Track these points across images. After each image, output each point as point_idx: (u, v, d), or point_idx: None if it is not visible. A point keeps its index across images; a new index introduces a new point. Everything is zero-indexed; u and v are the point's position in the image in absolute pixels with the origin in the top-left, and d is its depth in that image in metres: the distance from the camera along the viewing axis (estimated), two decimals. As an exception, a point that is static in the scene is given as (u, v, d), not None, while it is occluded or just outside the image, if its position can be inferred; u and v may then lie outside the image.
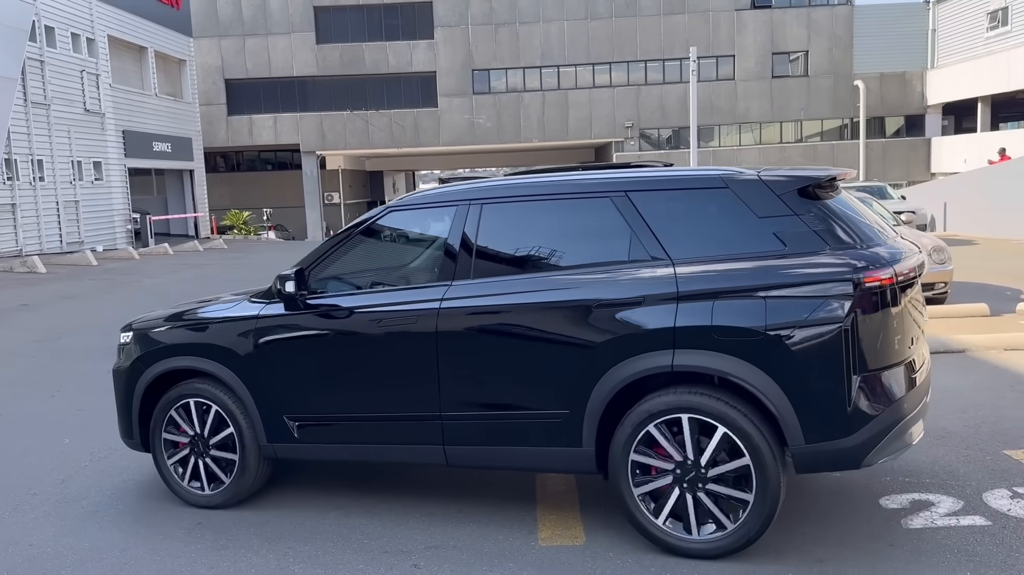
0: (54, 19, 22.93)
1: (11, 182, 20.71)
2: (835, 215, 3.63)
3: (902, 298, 3.54)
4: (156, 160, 29.24)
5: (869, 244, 3.57)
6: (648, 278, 3.68)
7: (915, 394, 3.65)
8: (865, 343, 3.41)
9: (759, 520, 3.51)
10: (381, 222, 4.44)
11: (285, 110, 44.72)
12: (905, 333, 3.59)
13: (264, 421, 4.46)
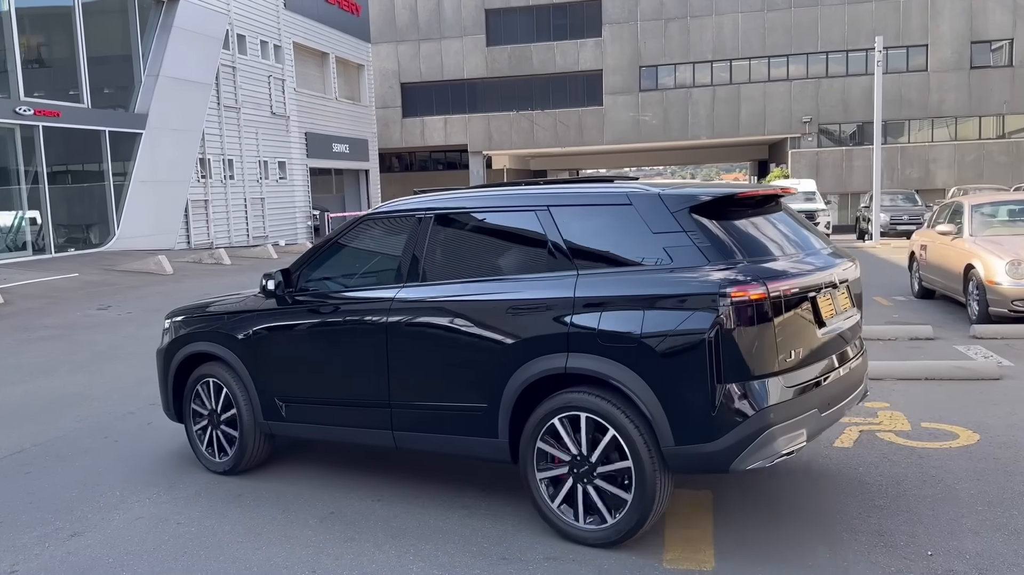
0: (245, 28, 24.72)
1: (204, 180, 22.54)
2: (730, 231, 3.83)
3: (781, 312, 3.66)
4: (335, 160, 30.91)
5: (760, 260, 3.76)
6: (554, 285, 3.99)
7: (795, 404, 3.71)
8: (729, 354, 3.56)
9: (635, 517, 3.76)
10: (358, 229, 4.94)
11: (455, 112, 45.96)
12: (784, 346, 3.69)
13: (261, 401, 5.02)
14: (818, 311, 3.93)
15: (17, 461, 5.48)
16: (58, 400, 7.03)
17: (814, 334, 3.90)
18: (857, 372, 4.31)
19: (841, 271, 4.23)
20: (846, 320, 4.20)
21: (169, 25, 20.88)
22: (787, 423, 3.66)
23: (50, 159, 17.43)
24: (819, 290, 3.94)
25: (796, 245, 4.11)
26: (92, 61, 18.97)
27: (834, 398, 4.00)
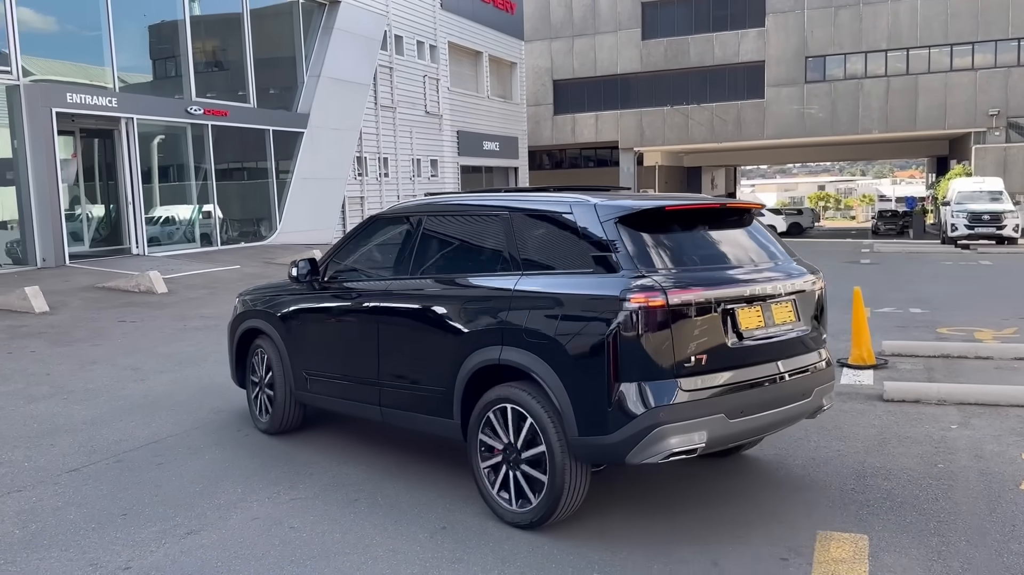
0: (403, 29, 25.31)
1: (361, 177, 23.26)
2: (654, 242, 4.10)
3: (681, 321, 3.86)
4: (485, 158, 31.18)
5: (678, 271, 4.01)
6: (499, 283, 4.41)
7: (693, 407, 3.89)
8: (625, 355, 3.81)
9: (551, 500, 4.09)
10: (369, 228, 5.58)
11: (607, 108, 45.39)
12: (683, 352, 3.88)
13: (293, 373, 5.75)
14: (735, 322, 4.08)
15: (152, 451, 5.60)
16: (202, 390, 7.22)
17: (724, 344, 4.04)
18: (799, 385, 4.39)
19: (786, 285, 4.37)
20: (782, 333, 4.32)
21: (331, 27, 21.66)
22: (681, 424, 3.85)
23: (218, 156, 18.48)
24: (739, 302, 4.11)
25: (739, 258, 4.35)
26: (258, 63, 19.95)
27: (752, 407, 4.11)
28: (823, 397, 4.58)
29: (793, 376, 4.35)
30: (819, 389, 4.53)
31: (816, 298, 4.59)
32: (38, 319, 10.02)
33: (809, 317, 4.50)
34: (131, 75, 16.81)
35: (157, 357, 8.42)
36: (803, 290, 4.49)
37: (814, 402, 4.52)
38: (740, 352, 4.11)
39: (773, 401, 4.26)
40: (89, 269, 13.97)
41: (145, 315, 10.63)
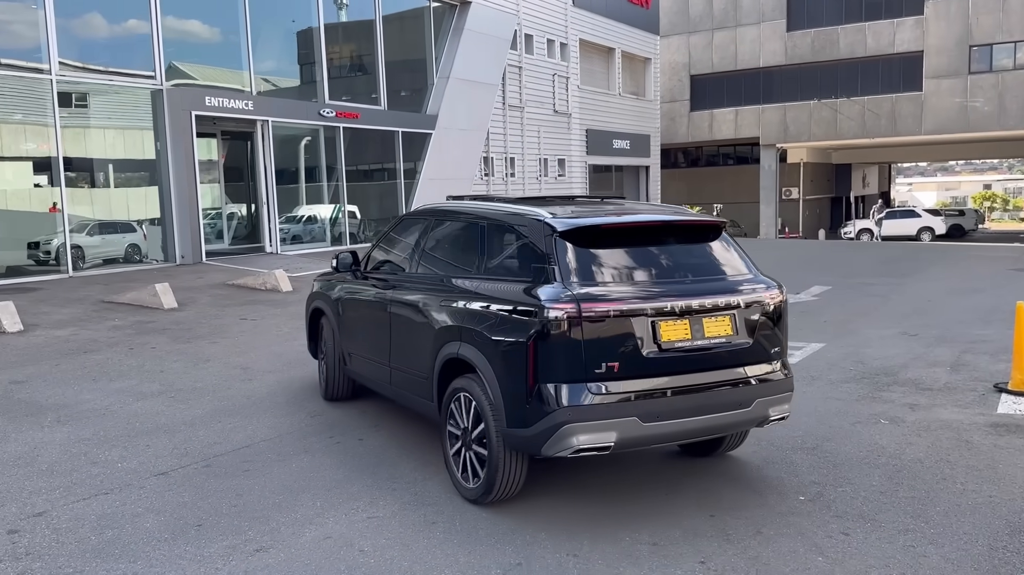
0: (533, 28, 25.11)
1: (487, 178, 23.24)
2: (588, 258, 4.43)
3: (593, 330, 4.20)
4: (614, 157, 30.56)
5: (601, 283, 4.37)
6: (466, 285, 4.96)
7: (602, 409, 4.20)
8: (542, 358, 4.24)
9: (488, 479, 4.57)
10: (399, 225, 6.29)
11: (747, 103, 43.62)
12: (595, 359, 4.20)
13: (340, 350, 6.59)
14: (655, 333, 4.31)
15: (242, 456, 5.53)
16: (304, 392, 7.17)
17: (640, 353, 4.28)
18: (734, 396, 4.53)
19: (725, 300, 4.50)
20: (714, 345, 4.46)
21: (461, 28, 21.74)
22: (590, 423, 4.18)
23: (349, 158, 18.89)
24: (660, 315, 4.32)
25: (678, 273, 4.57)
26: (389, 66, 20.26)
27: (671, 413, 4.34)
28: (770, 408, 4.68)
29: (725, 386, 4.52)
30: (764, 400, 4.63)
31: (770, 312, 4.69)
32: (166, 315, 10.41)
33: (755, 330, 4.60)
34: (267, 79, 17.42)
35: (268, 356, 8.49)
36: (748, 304, 4.59)
37: (756, 412, 4.63)
38: (658, 362, 4.33)
39: (698, 409, 4.44)
40: (223, 266, 14.52)
41: (266, 313, 10.85)
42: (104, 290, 11.70)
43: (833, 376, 8.02)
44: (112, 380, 7.40)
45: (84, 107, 15.20)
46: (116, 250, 15.22)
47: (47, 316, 10.01)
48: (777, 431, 6.05)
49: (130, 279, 12.69)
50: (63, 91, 13.63)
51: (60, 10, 13.22)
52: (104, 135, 16.06)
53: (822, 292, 14.26)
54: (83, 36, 14.60)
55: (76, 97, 14.85)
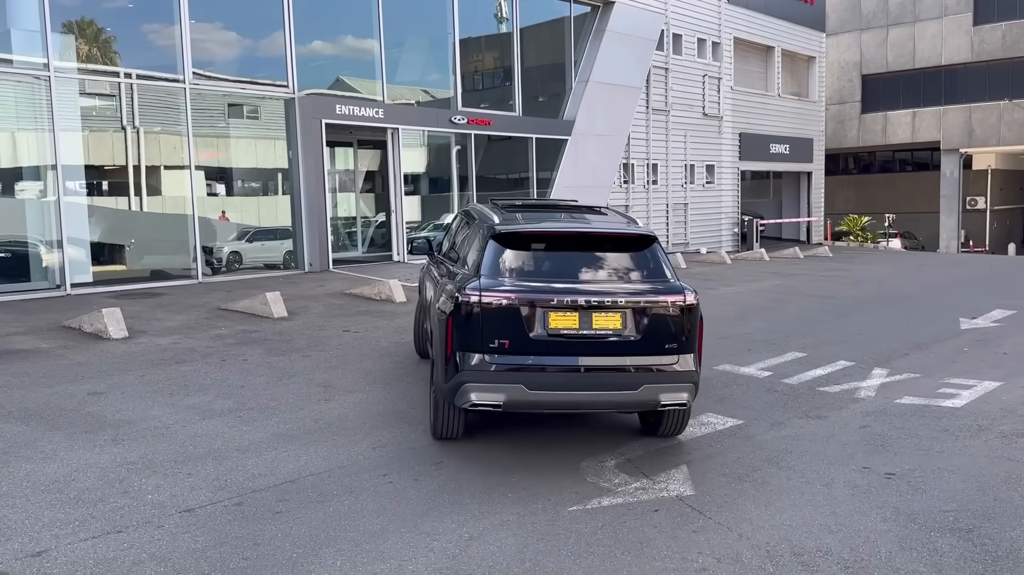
0: (682, 27, 23.83)
1: (627, 185, 22.20)
2: (508, 257, 5.70)
3: (488, 313, 5.35)
4: (771, 163, 28.59)
5: (509, 278, 5.58)
6: (450, 270, 6.50)
7: (494, 375, 5.35)
8: (455, 331, 5.45)
9: (433, 419, 6.09)
10: (457, 217, 7.67)
11: (926, 104, 39.96)
12: (489, 335, 5.36)
13: (421, 325, 8.02)
14: (545, 321, 5.37)
15: (281, 493, 4.98)
16: (377, 417, 6.60)
17: (527, 335, 5.36)
18: (620, 379, 5.44)
19: (617, 300, 5.43)
20: (601, 335, 5.41)
21: (602, 30, 20.88)
22: (482, 385, 5.36)
23: (481, 166, 18.49)
24: (550, 307, 5.37)
25: (584, 273, 5.68)
26: (525, 71, 19.71)
27: (555, 385, 5.41)
28: (660, 394, 5.47)
29: (611, 370, 5.42)
30: (653, 387, 5.45)
31: (668, 313, 5.49)
32: (272, 325, 10.24)
33: (648, 327, 5.43)
34: (400, 87, 17.30)
35: (357, 373, 8.03)
36: (642, 304, 5.44)
37: (645, 396, 5.46)
38: (546, 343, 5.35)
39: (582, 385, 5.43)
40: (347, 275, 14.42)
41: (372, 324, 10.47)
42: (225, 297, 11.77)
43: (1007, 427, 6.55)
44: (189, 395, 7.14)
45: (240, 117, 15.66)
46: (275, 256, 15.58)
47: (158, 323, 10.09)
48: (921, 501, 4.83)
49: (254, 287, 12.76)
50: (233, 103, 14.31)
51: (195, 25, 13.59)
52: (256, 145, 16.50)
53: (1005, 318, 12.28)
54: (221, 50, 14.99)
55: (245, 110, 15.40)
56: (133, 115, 13.95)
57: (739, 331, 10.90)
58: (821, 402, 7.46)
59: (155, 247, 13.93)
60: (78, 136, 12.74)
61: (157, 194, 14.70)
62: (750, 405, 7.30)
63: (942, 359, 9.41)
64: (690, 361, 5.56)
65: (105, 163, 14.09)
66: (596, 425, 6.54)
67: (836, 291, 15.10)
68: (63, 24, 12.58)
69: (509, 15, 20.20)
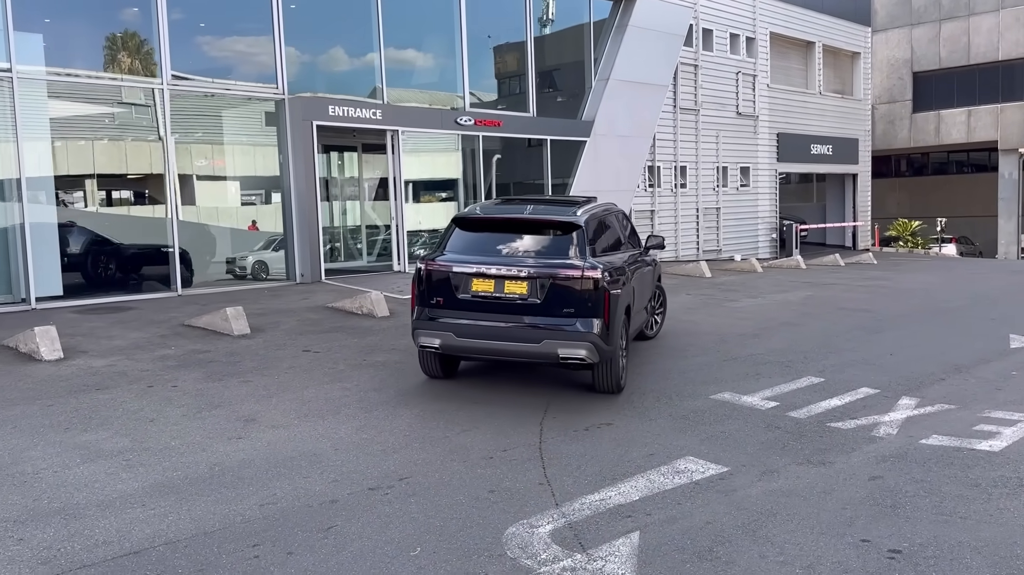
0: (713, 21, 22.53)
1: (652, 189, 20.95)
2: (459, 237, 7.49)
3: (430, 277, 7.24)
4: (813, 164, 27.02)
5: (451, 254, 7.33)
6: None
7: (431, 324, 7.20)
8: (417, 289, 7.33)
9: (418, 359, 8.16)
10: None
11: (982, 102, 37.77)
12: (430, 294, 7.21)
13: None
14: (468, 285, 7.06)
15: (109, 573, 4.00)
16: (283, 464, 5.60)
17: (455, 295, 7.10)
18: (525, 333, 6.94)
19: (526, 271, 6.98)
20: (510, 299, 6.98)
21: (624, 25, 19.71)
22: (425, 331, 7.22)
23: (490, 169, 17.46)
24: (473, 275, 7.05)
25: (510, 252, 7.28)
26: (541, 69, 18.67)
27: (475, 335, 7.05)
28: (559, 349, 6.92)
29: (518, 326, 6.97)
30: (552, 342, 6.91)
31: (567, 284, 6.96)
32: (228, 343, 9.35)
33: (549, 294, 6.93)
34: (401, 87, 16.36)
35: (294, 403, 7.06)
36: (545, 276, 6.96)
37: (546, 350, 6.95)
38: (469, 303, 7.09)
39: (497, 336, 7.02)
40: (337, 286, 13.53)
41: (339, 344, 9.51)
42: (196, 311, 10.93)
43: (1055, 483, 5.26)
44: (87, 430, 6.24)
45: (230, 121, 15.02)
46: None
47: (106, 342, 9.26)
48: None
49: (233, 300, 11.94)
50: (221, 105, 13.52)
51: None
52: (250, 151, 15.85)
53: (1063, 336, 10.79)
54: (204, 50, 14.26)
55: (235, 113, 14.79)
56: (112, 119, 13.30)
57: (752, 351, 9.67)
58: (829, 442, 6.24)
59: (130, 258, 13.22)
60: (46, 145, 12.04)
61: (140, 202, 14.04)
62: (743, 446, 6.12)
63: (984, 385, 8.07)
64: (590, 324, 6.91)
65: (82, 171, 13.48)
66: (555, 464, 5.45)
67: (872, 303, 13.69)
68: (29, 22, 11.90)
69: (553, 16, 19.27)
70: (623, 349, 7.59)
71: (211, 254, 14.99)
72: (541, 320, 6.89)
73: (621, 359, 7.49)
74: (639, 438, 6.29)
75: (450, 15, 16.87)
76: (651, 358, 9.18)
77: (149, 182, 14.05)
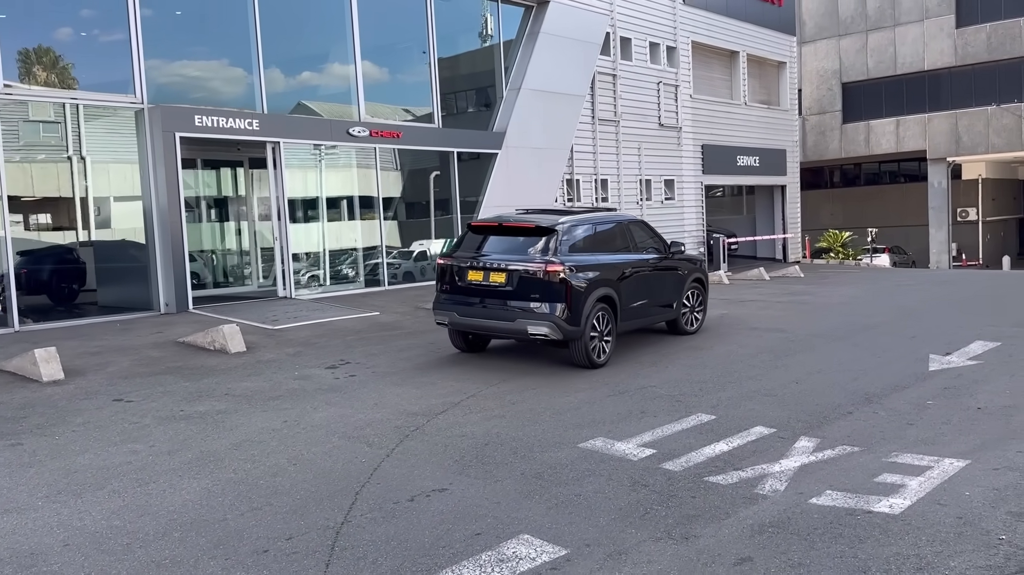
0: (631, 30, 21.69)
1: (571, 203, 19.93)
2: (468, 240, 9.63)
3: (444, 270, 9.50)
4: (739, 176, 26.36)
5: (460, 252, 9.53)
6: None
7: (443, 305, 9.50)
8: (437, 279, 9.65)
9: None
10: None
11: (910, 111, 37.91)
12: (442, 281, 9.53)
13: None
14: (464, 275, 9.24)
15: None
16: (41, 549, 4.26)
17: (457, 283, 9.30)
18: (504, 313, 8.97)
19: (505, 265, 9.01)
20: (494, 287, 9.03)
21: (536, 32, 18.73)
22: (440, 311, 9.47)
23: (388, 185, 16.24)
24: (469, 268, 9.21)
25: (500, 250, 9.28)
26: (444, 76, 17.55)
27: (469, 314, 9.21)
28: (528, 326, 8.81)
29: (499, 308, 9.00)
30: (523, 321, 8.82)
31: (533, 275, 8.86)
32: (31, 392, 7.93)
33: (520, 283, 8.89)
34: (287, 97, 15.07)
35: (52, 475, 5.70)
36: (517, 269, 8.93)
37: (518, 327, 8.89)
38: (466, 289, 9.21)
39: (483, 316, 9.11)
40: (204, 317, 12.13)
41: (162, 390, 8.14)
42: (23, 350, 9.44)
43: (962, 563, 4.20)
44: None
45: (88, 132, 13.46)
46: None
47: None
48: None
49: (76, 335, 10.47)
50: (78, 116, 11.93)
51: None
52: (109, 168, 14.36)
53: (986, 352, 9.97)
54: (56, 53, 12.79)
55: (93, 125, 13.19)
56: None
57: (645, 382, 8.58)
58: (702, 505, 5.13)
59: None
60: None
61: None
62: (596, 515, 4.97)
63: (895, 419, 7.08)
64: (553, 307, 8.72)
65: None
66: (345, 559, 4.19)
67: (788, 321, 12.76)
68: None
69: (494, 32, 18.24)
70: (602, 333, 9.27)
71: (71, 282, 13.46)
72: (515, 303, 8.88)
73: (600, 341, 9.24)
74: (472, 509, 5.09)
75: (342, 20, 15.64)
76: (526, 396, 8.02)
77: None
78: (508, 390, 8.28)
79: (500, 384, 8.55)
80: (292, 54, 15.48)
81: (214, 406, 7.51)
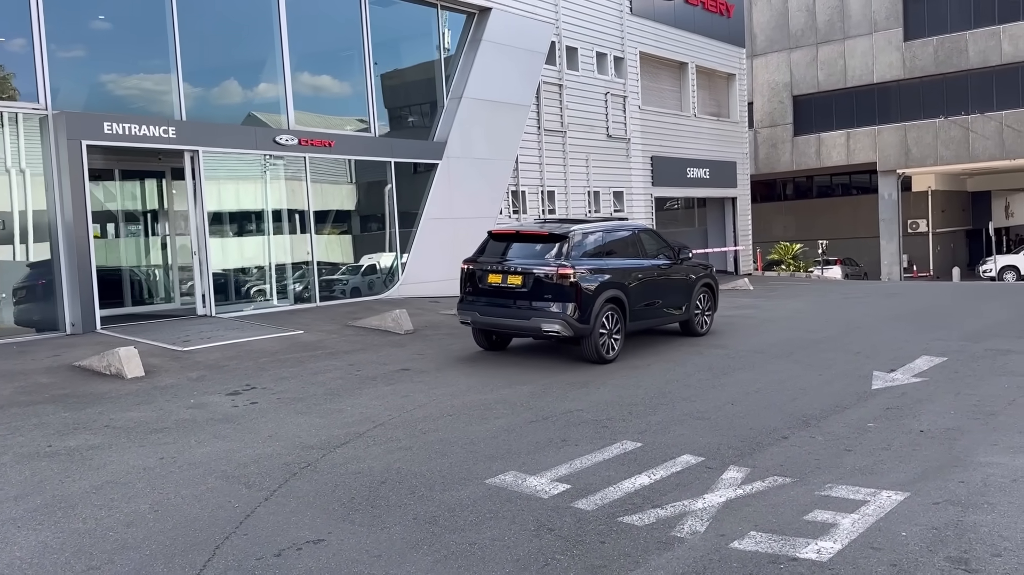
0: (577, 39, 21.26)
1: (517, 215, 19.37)
2: (489, 246, 10.56)
3: (467, 273, 10.43)
4: (689, 188, 26.07)
5: (482, 257, 10.45)
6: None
7: (466, 305, 10.43)
8: (461, 281, 10.52)
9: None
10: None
11: (860, 124, 38.17)
12: (466, 284, 10.43)
13: None
14: (484, 277, 10.12)
15: None
16: None
17: (479, 285, 10.17)
18: (520, 312, 9.88)
19: (521, 268, 9.97)
20: (511, 287, 9.95)
21: (479, 39, 18.18)
22: (464, 311, 10.41)
23: (319, 196, 15.49)
24: (490, 271, 10.08)
25: (517, 255, 10.25)
26: (383, 83, 16.91)
27: (489, 314, 10.13)
28: (541, 324, 9.72)
29: (515, 307, 9.89)
30: (537, 319, 9.74)
31: (544, 278, 9.77)
32: None
33: (534, 284, 9.81)
34: (204, 101, 14.27)
35: None
36: (531, 273, 9.85)
37: (532, 324, 9.81)
38: (487, 290, 10.10)
39: (504, 315, 9.99)
40: (112, 338, 11.28)
41: (33, 423, 7.34)
42: None
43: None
44: None
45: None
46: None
47: None
48: None
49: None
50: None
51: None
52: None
53: (931, 368, 9.57)
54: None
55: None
56: None
57: (572, 405, 7.99)
58: (611, 552, 4.53)
59: None
60: None
61: None
62: (489, 569, 4.34)
63: (832, 445, 6.58)
64: (564, 307, 9.65)
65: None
66: None
67: (729, 337, 12.28)
68: None
69: (451, 45, 17.67)
70: (611, 331, 10.07)
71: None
72: (531, 303, 9.78)
73: (609, 339, 10.04)
74: (347, 565, 4.42)
75: (270, 27, 14.92)
76: (440, 425, 7.37)
77: None
78: (422, 417, 7.62)
79: (415, 410, 7.90)
80: (217, 62, 14.71)
81: (87, 440, 6.73)
